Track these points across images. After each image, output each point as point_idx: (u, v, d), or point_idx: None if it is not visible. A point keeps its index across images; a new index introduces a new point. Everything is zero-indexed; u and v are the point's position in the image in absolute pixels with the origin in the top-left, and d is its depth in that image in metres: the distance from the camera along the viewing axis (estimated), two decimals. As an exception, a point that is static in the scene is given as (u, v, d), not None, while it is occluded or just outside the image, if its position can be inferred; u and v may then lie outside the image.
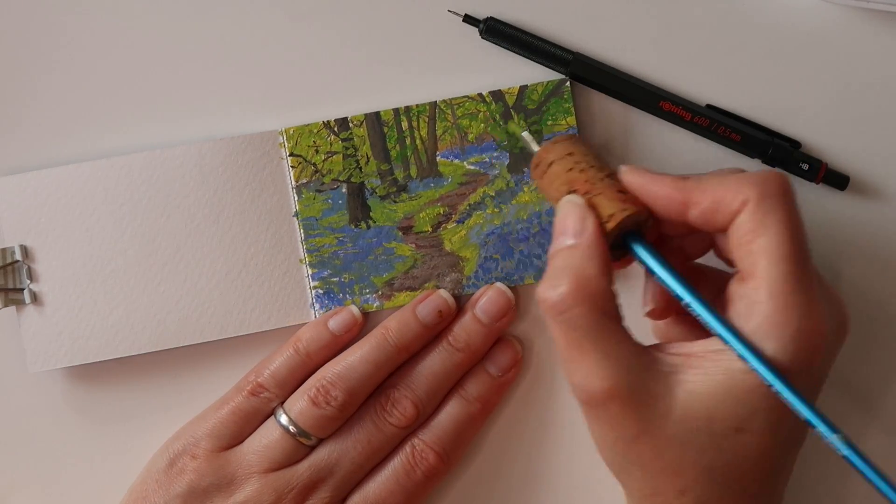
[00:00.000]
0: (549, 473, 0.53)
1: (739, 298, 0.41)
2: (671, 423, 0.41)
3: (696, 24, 0.51)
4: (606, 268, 0.42)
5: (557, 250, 0.43)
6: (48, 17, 0.53)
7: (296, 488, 0.49)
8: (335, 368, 0.50)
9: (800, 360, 0.40)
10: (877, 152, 0.51)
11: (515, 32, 0.51)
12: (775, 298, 0.40)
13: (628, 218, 0.43)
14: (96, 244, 0.52)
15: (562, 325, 0.42)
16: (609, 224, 0.43)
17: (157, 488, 0.50)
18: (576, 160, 0.45)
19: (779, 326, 0.40)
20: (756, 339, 0.40)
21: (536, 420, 0.53)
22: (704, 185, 0.42)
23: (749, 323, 0.41)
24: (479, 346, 0.51)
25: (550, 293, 0.42)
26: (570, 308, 0.42)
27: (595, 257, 0.42)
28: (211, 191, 0.52)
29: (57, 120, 0.53)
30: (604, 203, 0.43)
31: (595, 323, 0.42)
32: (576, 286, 0.42)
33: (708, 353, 0.41)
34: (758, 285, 0.41)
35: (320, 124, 0.52)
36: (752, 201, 0.41)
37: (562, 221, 0.44)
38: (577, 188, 0.44)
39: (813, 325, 0.40)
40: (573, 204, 0.44)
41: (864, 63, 0.51)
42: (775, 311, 0.40)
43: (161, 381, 0.53)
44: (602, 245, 0.43)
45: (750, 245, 0.41)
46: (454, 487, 0.53)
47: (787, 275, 0.40)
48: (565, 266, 0.42)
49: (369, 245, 0.52)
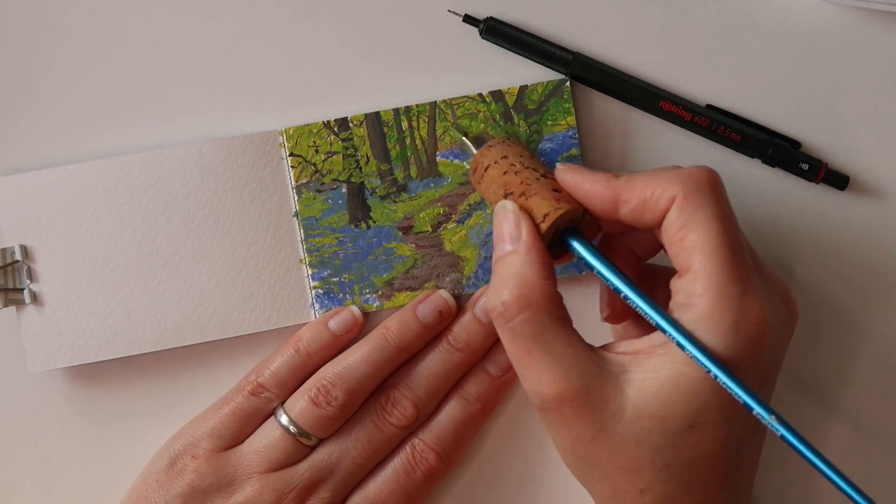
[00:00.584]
0: (548, 473, 0.53)
1: (678, 293, 0.42)
2: (624, 423, 0.41)
3: (695, 25, 0.51)
4: (546, 270, 0.43)
5: (498, 258, 0.44)
6: (48, 17, 0.53)
7: (296, 488, 0.49)
8: (335, 368, 0.50)
9: (742, 351, 0.40)
10: (877, 152, 0.51)
11: (515, 32, 0.51)
12: (710, 291, 0.40)
13: (563, 216, 0.43)
14: (96, 244, 0.52)
15: (509, 333, 0.43)
16: (543, 224, 0.43)
17: (157, 488, 0.50)
18: (510, 162, 0.46)
19: (716, 318, 0.40)
20: (696, 331, 0.40)
21: (536, 420, 0.53)
22: (633, 183, 0.43)
23: (687, 314, 0.41)
24: (479, 345, 0.51)
25: (495, 302, 0.43)
26: (514, 315, 0.42)
27: (534, 262, 0.43)
28: (211, 191, 0.52)
29: (57, 120, 0.53)
30: (538, 203, 0.43)
31: (540, 328, 0.42)
32: (518, 293, 0.42)
33: (654, 349, 0.42)
34: (693, 278, 0.41)
35: (320, 124, 0.52)
36: (679, 198, 0.41)
37: (498, 228, 0.44)
38: (512, 190, 0.44)
39: (752, 316, 0.40)
40: (506, 210, 0.44)
41: (864, 63, 0.51)
42: (712, 304, 0.40)
43: (161, 381, 0.53)
44: (540, 248, 0.43)
45: (682, 242, 0.41)
46: (454, 488, 0.53)
47: (720, 268, 0.40)
48: (506, 274, 0.43)
49: (369, 245, 0.52)
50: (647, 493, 0.42)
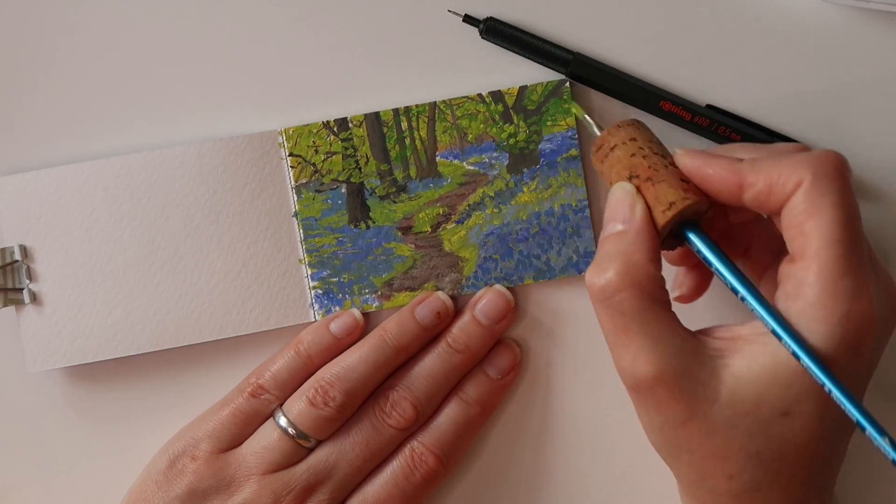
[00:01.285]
0: (548, 476, 0.53)
1: (788, 279, 0.41)
2: (718, 407, 0.41)
3: (696, 24, 0.51)
4: (654, 254, 0.43)
5: (606, 236, 0.44)
6: (48, 16, 0.53)
7: (294, 490, 0.49)
8: (333, 369, 0.50)
9: (847, 345, 0.40)
10: (877, 152, 0.51)
11: (515, 32, 0.51)
12: (824, 281, 0.40)
13: (689, 207, 0.43)
14: (96, 244, 0.52)
15: (609, 310, 0.42)
16: (669, 212, 0.42)
17: (156, 489, 0.50)
18: (639, 146, 0.45)
19: (826, 309, 0.40)
20: (803, 321, 0.40)
21: (535, 423, 0.53)
22: (759, 167, 0.42)
23: (796, 304, 0.41)
24: (479, 347, 0.51)
25: (598, 278, 0.42)
26: (617, 292, 0.42)
27: (643, 243, 0.43)
28: (210, 191, 0.52)
29: (57, 120, 0.53)
30: (666, 190, 0.43)
31: (642, 308, 0.42)
32: (623, 271, 0.42)
33: (755, 337, 0.41)
34: (807, 266, 0.40)
35: (320, 124, 0.52)
36: (806, 182, 0.41)
37: (612, 207, 0.44)
38: (639, 173, 0.44)
39: (861, 310, 0.40)
40: (624, 191, 0.44)
41: (864, 63, 0.51)
42: (823, 294, 0.40)
43: (160, 381, 0.53)
44: (651, 232, 0.43)
45: (801, 226, 0.41)
46: (453, 491, 0.53)
47: (837, 257, 0.40)
48: (613, 251, 0.43)
49: (369, 245, 0.52)
50: (735, 479, 0.42)
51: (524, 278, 0.52)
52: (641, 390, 0.42)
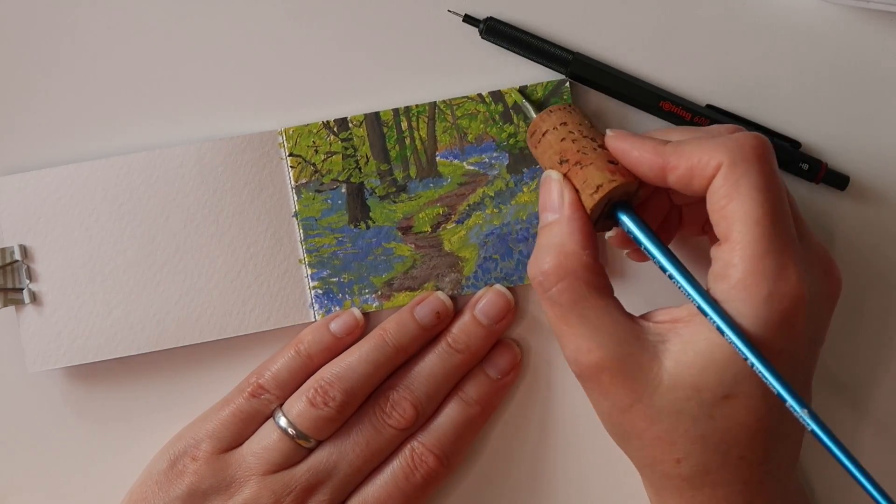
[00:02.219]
0: (548, 476, 0.53)
1: (716, 260, 0.42)
2: (661, 392, 0.41)
3: (695, 24, 0.51)
4: (587, 240, 0.43)
5: (541, 227, 0.44)
6: (48, 17, 0.53)
7: (294, 491, 0.49)
8: (333, 369, 0.50)
9: (775, 324, 0.40)
10: (877, 152, 0.51)
11: (515, 32, 0.51)
12: (746, 261, 0.40)
13: (616, 189, 0.43)
14: (96, 244, 0.52)
15: (548, 302, 0.43)
16: (596, 195, 0.43)
17: (157, 490, 0.50)
18: (569, 129, 0.46)
19: (749, 289, 0.40)
20: (729, 302, 0.40)
21: (535, 422, 0.53)
22: (681, 150, 0.43)
23: (722, 284, 0.41)
24: (479, 347, 0.51)
25: (535, 271, 0.43)
26: (553, 284, 0.43)
27: (574, 232, 0.43)
28: (210, 191, 0.52)
29: (57, 120, 0.53)
30: (593, 173, 0.43)
31: (579, 297, 0.42)
32: (557, 262, 0.43)
33: (692, 317, 0.42)
34: (731, 248, 0.41)
35: (320, 124, 0.52)
36: (725, 166, 0.41)
37: (543, 197, 0.45)
38: (568, 158, 0.45)
39: (787, 289, 0.40)
40: (552, 179, 0.45)
41: (864, 63, 0.51)
42: (746, 274, 0.40)
43: (160, 381, 0.53)
44: (581, 218, 0.43)
45: (723, 210, 0.41)
46: (453, 491, 0.53)
47: (758, 238, 0.40)
48: (547, 243, 0.43)
49: (369, 245, 0.52)
50: (684, 463, 0.42)
51: (524, 278, 0.52)
52: (586, 378, 0.43)
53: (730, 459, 0.42)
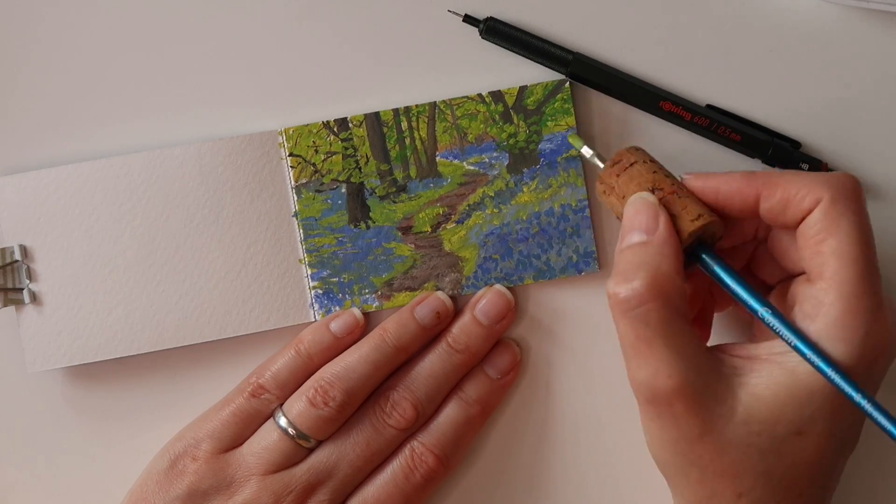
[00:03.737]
0: (548, 476, 0.53)
1: (806, 299, 0.41)
2: (733, 425, 0.41)
3: (695, 25, 0.51)
4: (679, 265, 0.42)
5: (628, 246, 0.43)
6: (48, 16, 0.53)
7: (294, 491, 0.49)
8: (333, 369, 0.50)
9: (864, 364, 0.40)
10: (877, 152, 0.51)
11: (515, 32, 0.51)
12: (845, 300, 0.40)
13: (713, 223, 0.43)
14: (96, 244, 0.52)
15: (633, 321, 0.42)
16: (697, 222, 0.42)
17: (157, 490, 0.50)
18: (659, 166, 0.45)
19: (847, 329, 0.40)
20: (823, 341, 0.40)
21: (535, 422, 0.53)
22: (776, 180, 0.42)
23: (816, 323, 0.41)
24: (479, 347, 0.51)
25: (622, 288, 0.42)
26: (643, 303, 0.41)
27: (669, 255, 0.42)
28: (210, 191, 0.52)
29: (57, 120, 0.53)
30: (691, 204, 0.43)
31: (667, 320, 0.41)
32: (650, 282, 0.42)
33: (772, 356, 0.41)
34: (827, 287, 0.40)
35: (320, 124, 0.52)
36: (826, 201, 0.41)
37: (633, 217, 0.44)
38: (663, 187, 0.44)
39: (880, 329, 0.40)
40: (646, 201, 0.44)
41: (864, 63, 0.51)
42: (844, 314, 0.40)
43: (160, 381, 0.53)
44: (676, 244, 0.43)
45: (820, 245, 0.41)
46: (453, 491, 0.53)
47: (857, 278, 0.40)
48: (639, 262, 0.42)
49: (369, 245, 0.52)
50: (745, 498, 0.41)
51: (524, 278, 0.52)
52: (659, 403, 0.42)
53: (787, 496, 0.41)
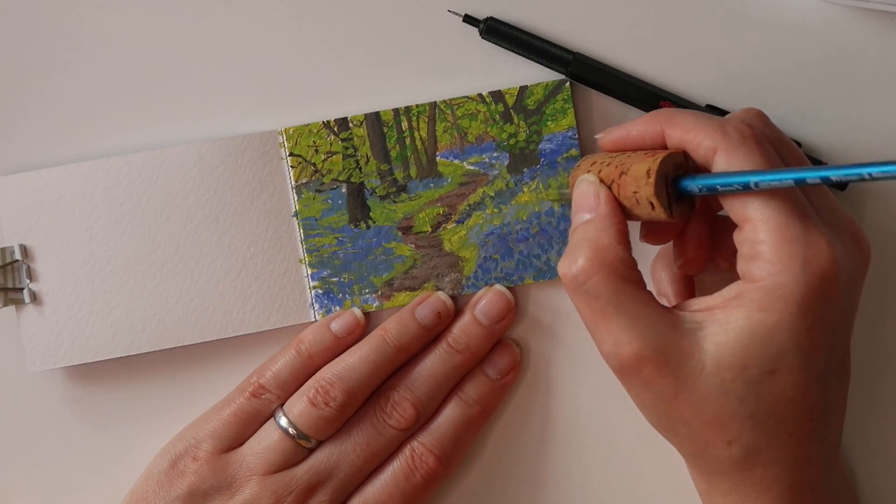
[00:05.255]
0: (548, 476, 0.53)
1: (741, 244, 0.42)
2: (705, 377, 0.41)
3: (696, 24, 0.51)
4: (622, 236, 0.43)
5: (574, 227, 0.44)
6: (48, 17, 0.53)
7: (295, 491, 0.49)
8: (334, 369, 0.50)
9: (816, 290, 0.40)
10: (877, 152, 0.51)
11: (515, 32, 0.51)
12: (774, 233, 0.40)
13: (665, 162, 0.42)
14: (96, 244, 0.52)
15: (584, 297, 0.43)
16: (651, 180, 0.42)
17: (157, 490, 0.50)
18: (600, 161, 0.45)
19: (784, 260, 0.40)
20: (767, 277, 0.40)
21: (535, 423, 0.53)
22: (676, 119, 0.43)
23: (756, 263, 0.41)
24: (479, 347, 0.51)
25: (569, 267, 0.43)
26: (589, 278, 0.42)
27: (610, 227, 0.43)
28: (210, 191, 0.52)
29: (57, 120, 0.53)
30: (638, 168, 0.43)
31: (616, 289, 0.42)
32: (592, 256, 0.42)
33: (727, 302, 0.41)
34: (755, 227, 0.41)
35: (320, 124, 0.52)
36: (723, 150, 0.41)
37: (577, 200, 0.45)
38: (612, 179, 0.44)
39: (820, 254, 0.40)
40: (586, 182, 0.45)
41: (864, 63, 0.51)
42: (778, 246, 0.40)
43: (160, 380, 0.53)
44: (617, 215, 0.43)
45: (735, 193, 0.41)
46: (453, 491, 0.53)
47: (778, 211, 0.40)
48: (582, 239, 0.43)
49: (369, 245, 0.52)
50: (735, 445, 0.42)
51: (524, 278, 0.52)
52: (627, 371, 0.42)
53: (779, 436, 0.42)
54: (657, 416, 0.43)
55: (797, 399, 0.41)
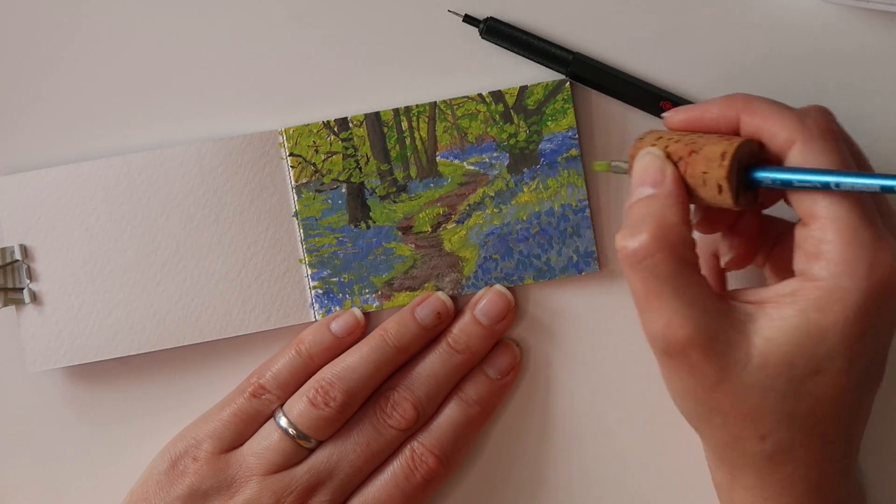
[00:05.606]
0: (548, 476, 0.53)
1: (805, 241, 0.41)
2: (750, 370, 0.41)
3: (695, 24, 0.51)
4: (686, 215, 0.42)
5: (636, 201, 0.43)
6: (48, 17, 0.53)
7: (295, 491, 0.49)
8: (334, 370, 0.50)
9: (875, 296, 0.40)
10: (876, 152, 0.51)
11: (515, 32, 0.51)
12: (842, 234, 0.40)
13: (741, 149, 0.41)
14: (96, 244, 0.52)
15: (641, 273, 0.42)
16: (725, 163, 0.41)
17: (157, 490, 0.50)
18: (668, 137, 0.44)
19: (851, 262, 0.40)
20: (830, 278, 0.40)
21: (535, 423, 0.53)
22: (755, 106, 0.43)
23: (819, 262, 0.40)
24: (479, 347, 0.51)
25: (630, 241, 0.42)
26: (650, 255, 0.41)
27: (675, 205, 0.42)
28: (210, 191, 0.52)
29: (57, 120, 0.53)
30: (712, 149, 0.42)
31: (676, 270, 0.41)
32: (657, 233, 0.41)
33: (781, 298, 0.41)
34: (823, 225, 0.40)
35: (320, 124, 0.52)
36: (800, 143, 0.41)
37: (641, 173, 0.43)
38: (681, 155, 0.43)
39: (886, 259, 0.40)
40: (652, 155, 0.44)
41: (864, 63, 0.51)
42: (845, 248, 0.40)
43: (160, 380, 0.53)
44: (682, 194, 0.42)
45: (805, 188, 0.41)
46: (454, 491, 0.53)
47: (850, 211, 0.40)
48: (645, 214, 0.42)
49: (369, 245, 0.52)
50: (768, 440, 0.42)
51: (524, 278, 0.52)
52: (674, 353, 0.42)
53: (812, 437, 0.41)
54: (693, 402, 0.43)
55: (836, 402, 0.41)
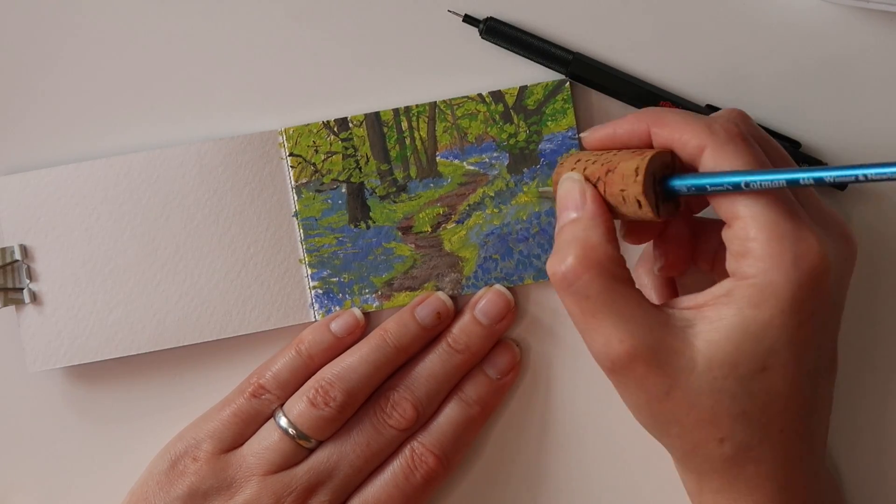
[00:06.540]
0: (548, 476, 0.53)
1: (731, 241, 0.41)
2: (697, 375, 0.41)
3: (696, 24, 0.51)
4: (611, 234, 0.43)
5: (561, 226, 0.44)
6: (48, 17, 0.53)
7: (295, 491, 0.49)
8: (334, 370, 0.50)
9: (806, 286, 0.40)
10: (876, 152, 0.51)
11: (515, 32, 0.51)
12: (764, 230, 0.40)
13: (653, 161, 0.42)
14: (96, 244, 0.52)
15: (573, 296, 0.42)
16: (639, 178, 0.42)
17: (157, 490, 0.50)
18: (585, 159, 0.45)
19: (776, 256, 0.40)
20: (758, 275, 0.40)
21: (535, 423, 0.53)
22: (663, 118, 0.43)
23: (746, 260, 0.41)
24: (479, 347, 0.51)
25: (559, 266, 0.42)
26: (578, 277, 0.42)
27: (598, 226, 0.43)
28: (210, 191, 0.52)
29: (57, 120, 0.53)
30: (626, 166, 0.42)
31: (605, 288, 0.42)
32: (582, 255, 0.42)
33: (717, 300, 0.41)
34: (744, 224, 0.41)
35: (320, 124, 0.52)
36: (710, 149, 0.41)
37: (562, 198, 0.44)
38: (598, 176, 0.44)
39: (810, 250, 0.40)
40: (571, 180, 0.44)
41: (864, 63, 0.51)
42: (768, 243, 0.40)
43: (161, 380, 0.53)
44: (604, 214, 0.43)
45: None
46: (454, 491, 0.53)
47: (767, 207, 0.40)
48: (570, 238, 0.43)
49: (369, 245, 0.52)
50: (726, 442, 0.42)
51: (524, 278, 0.52)
52: (619, 370, 0.42)
53: (770, 433, 0.42)
54: (649, 415, 0.43)
55: (788, 396, 0.41)
